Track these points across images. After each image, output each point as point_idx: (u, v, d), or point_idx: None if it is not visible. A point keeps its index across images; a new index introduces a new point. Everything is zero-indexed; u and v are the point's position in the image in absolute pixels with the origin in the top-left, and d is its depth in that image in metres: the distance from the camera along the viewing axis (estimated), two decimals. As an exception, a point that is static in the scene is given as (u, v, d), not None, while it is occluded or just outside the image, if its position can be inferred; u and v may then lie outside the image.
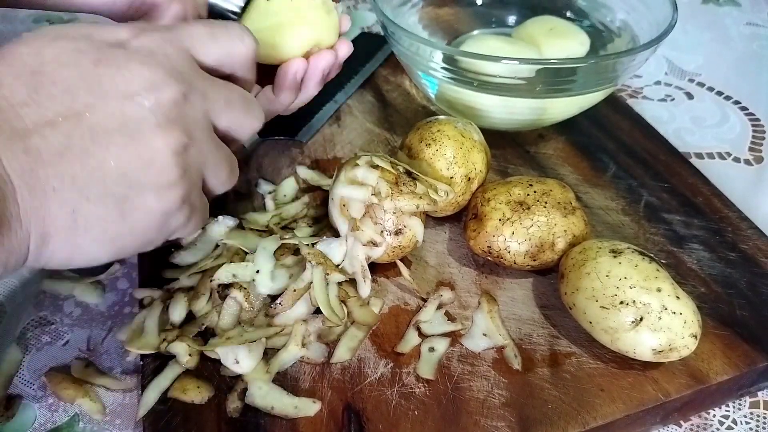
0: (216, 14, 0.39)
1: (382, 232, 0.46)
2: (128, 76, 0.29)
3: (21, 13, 0.85)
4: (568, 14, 0.69)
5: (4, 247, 0.26)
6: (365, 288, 0.46)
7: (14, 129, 0.27)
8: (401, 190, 0.45)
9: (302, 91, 0.49)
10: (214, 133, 0.33)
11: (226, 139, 0.34)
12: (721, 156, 0.67)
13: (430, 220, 0.53)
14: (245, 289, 0.45)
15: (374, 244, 0.46)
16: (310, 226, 0.52)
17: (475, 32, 0.70)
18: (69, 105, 0.28)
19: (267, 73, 0.47)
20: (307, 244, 0.46)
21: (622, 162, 0.60)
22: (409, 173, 0.47)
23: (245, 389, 0.41)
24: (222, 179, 0.34)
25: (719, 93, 0.76)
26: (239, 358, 0.41)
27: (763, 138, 0.69)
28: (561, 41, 0.64)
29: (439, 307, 0.47)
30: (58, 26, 0.31)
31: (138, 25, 0.32)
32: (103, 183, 0.28)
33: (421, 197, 0.46)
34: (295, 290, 0.45)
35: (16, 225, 0.26)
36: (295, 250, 0.47)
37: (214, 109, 0.32)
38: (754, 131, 0.70)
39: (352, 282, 0.47)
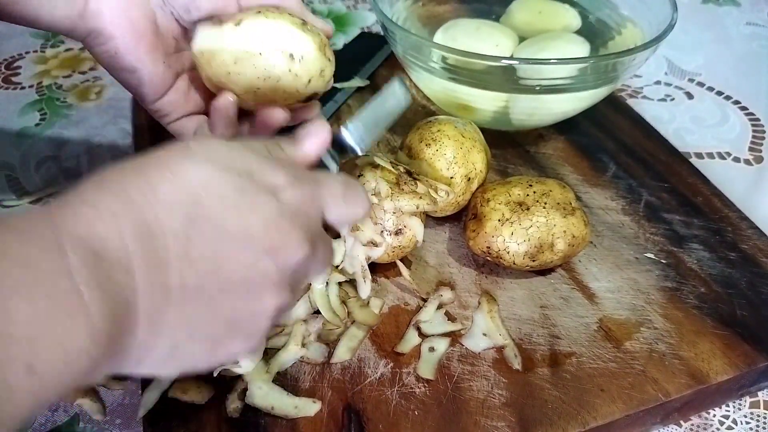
0: (337, 145, 0.39)
1: (382, 232, 0.46)
2: (274, 233, 0.29)
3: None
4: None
5: (103, 374, 0.25)
6: (365, 288, 0.46)
7: (160, 261, 0.26)
8: (402, 190, 0.45)
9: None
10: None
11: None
12: (721, 156, 0.67)
13: (430, 220, 0.53)
14: None
15: (374, 244, 0.46)
16: None
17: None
18: (214, 247, 0.27)
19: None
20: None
21: (622, 162, 0.60)
22: (409, 173, 0.47)
23: (245, 389, 0.41)
24: (285, 316, 0.36)
25: (719, 93, 0.76)
26: (239, 358, 0.41)
27: (763, 138, 0.69)
28: (550, 22, 0.66)
29: (439, 307, 0.47)
30: (225, 148, 0.30)
31: (292, 169, 0.32)
32: (212, 327, 0.28)
33: (421, 197, 0.46)
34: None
35: (124, 356, 0.26)
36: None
37: (313, 269, 0.33)
38: (754, 131, 0.70)
39: (352, 282, 0.47)
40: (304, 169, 0.35)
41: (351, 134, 0.39)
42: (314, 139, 0.36)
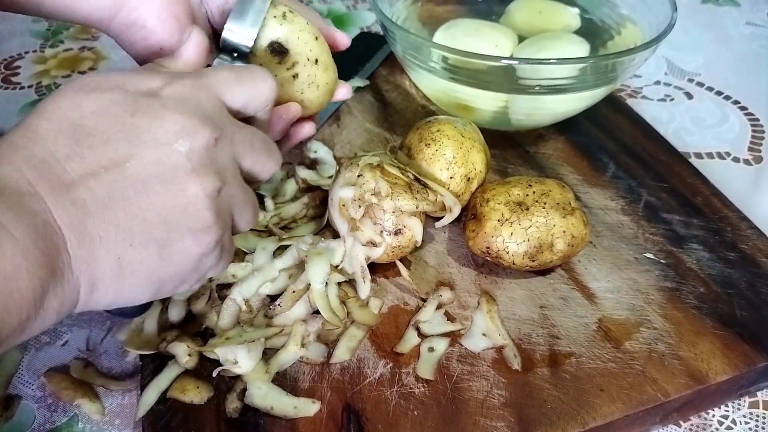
0: (228, 50, 0.39)
1: (381, 232, 0.46)
2: (163, 125, 0.30)
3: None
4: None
5: (58, 295, 0.27)
6: (365, 288, 0.46)
7: (61, 182, 0.28)
8: (415, 198, 0.46)
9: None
10: (240, 176, 0.34)
11: (248, 180, 0.36)
12: (720, 156, 0.67)
13: (430, 220, 0.53)
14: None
15: (374, 244, 0.46)
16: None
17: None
18: (109, 156, 0.29)
19: None
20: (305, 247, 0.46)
21: (622, 162, 0.60)
22: (418, 180, 0.47)
23: (245, 389, 0.41)
24: (248, 219, 0.36)
25: (719, 93, 0.76)
26: (238, 359, 0.41)
27: (763, 138, 0.69)
28: (550, 22, 0.66)
29: (439, 307, 0.47)
30: (91, 77, 0.32)
31: (169, 72, 0.33)
32: (145, 229, 0.29)
33: (412, 190, 0.46)
34: (294, 291, 0.45)
35: (68, 274, 0.28)
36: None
37: (240, 153, 0.33)
38: (753, 131, 0.70)
39: (352, 282, 0.47)
40: (186, 71, 0.35)
41: (234, 29, 0.39)
42: (188, 43, 0.38)
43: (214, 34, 0.44)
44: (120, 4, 0.40)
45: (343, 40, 0.49)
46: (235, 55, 0.40)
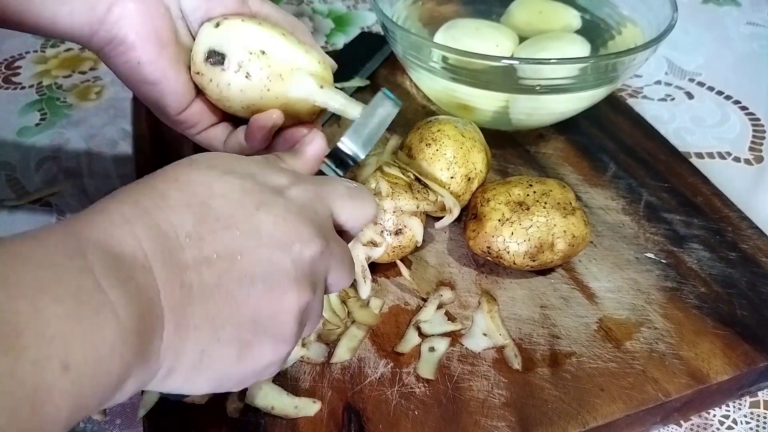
0: (336, 158, 0.40)
1: (382, 232, 0.46)
2: (283, 228, 0.29)
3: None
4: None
5: (137, 379, 0.26)
6: (366, 288, 0.46)
7: (177, 262, 0.27)
8: (416, 198, 0.46)
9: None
10: (324, 288, 0.34)
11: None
12: (721, 156, 0.67)
13: (431, 220, 0.53)
14: None
15: (374, 244, 0.46)
16: None
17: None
18: (227, 244, 0.28)
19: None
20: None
21: (622, 162, 0.60)
22: (419, 180, 0.47)
23: (245, 389, 0.41)
24: (312, 327, 0.35)
25: (719, 93, 0.76)
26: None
27: (763, 138, 0.69)
28: (550, 22, 0.66)
29: (439, 306, 0.47)
30: (225, 157, 0.32)
31: (294, 173, 0.33)
32: (237, 327, 0.28)
33: (413, 191, 0.46)
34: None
35: (154, 360, 0.26)
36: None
37: (332, 267, 0.33)
38: (754, 131, 0.70)
39: (352, 282, 0.47)
40: (305, 174, 0.35)
41: (348, 145, 0.40)
42: (311, 146, 0.37)
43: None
44: (101, 20, 0.39)
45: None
46: (340, 163, 0.40)
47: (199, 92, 0.44)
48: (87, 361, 0.22)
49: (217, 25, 0.41)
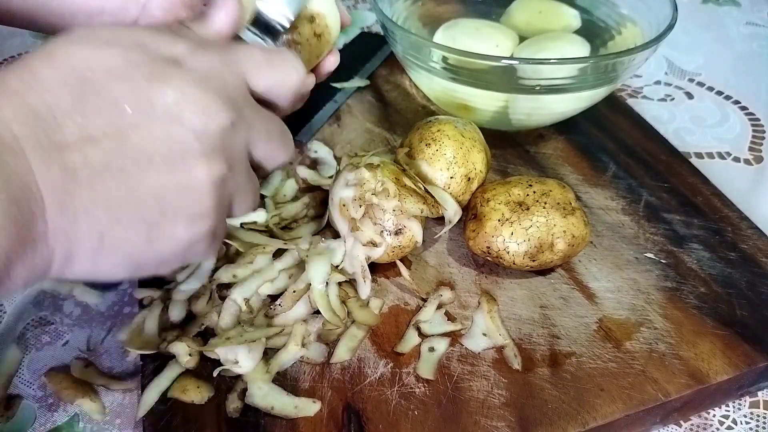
0: (261, 24, 0.37)
1: (381, 232, 0.46)
2: (181, 98, 0.27)
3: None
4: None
5: (26, 265, 0.25)
6: (365, 288, 0.46)
7: (53, 142, 0.25)
8: (430, 206, 0.46)
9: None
10: (248, 163, 0.32)
11: (254, 167, 0.33)
12: (721, 156, 0.67)
13: (430, 219, 0.53)
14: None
15: (374, 244, 0.46)
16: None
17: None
18: (114, 121, 0.26)
19: None
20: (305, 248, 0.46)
21: (622, 162, 0.60)
22: (427, 191, 0.48)
23: (245, 389, 0.41)
24: (246, 207, 0.33)
25: (719, 93, 0.76)
26: (239, 358, 0.41)
27: (763, 138, 0.69)
28: (550, 22, 0.66)
29: (439, 307, 0.47)
30: (111, 28, 0.29)
31: (196, 39, 0.31)
32: (137, 207, 0.27)
33: (426, 202, 0.46)
34: (294, 291, 0.45)
35: (41, 244, 0.25)
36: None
37: (254, 140, 0.31)
38: (754, 131, 0.70)
39: (352, 282, 0.47)
40: (213, 42, 0.32)
41: (271, 4, 0.36)
42: (223, 11, 0.34)
43: None
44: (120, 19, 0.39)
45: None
46: (265, 29, 0.37)
47: None
48: None
49: None
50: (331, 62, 0.48)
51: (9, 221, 0.23)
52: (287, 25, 0.37)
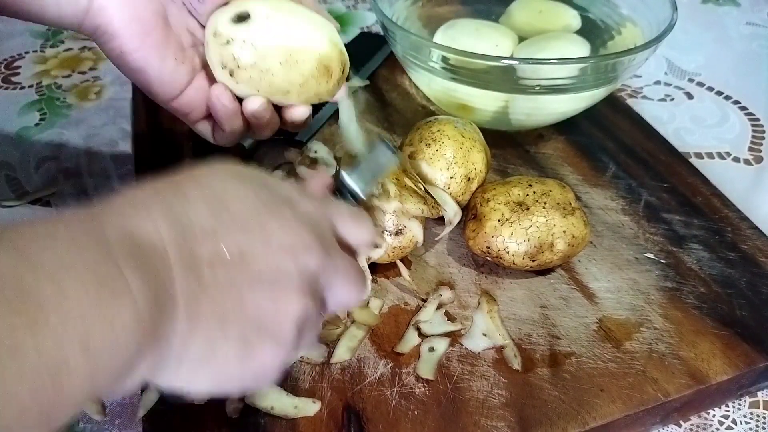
0: (339, 191, 0.42)
1: (382, 232, 0.46)
2: (293, 235, 0.30)
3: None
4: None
5: (149, 364, 0.26)
6: (366, 288, 0.46)
7: (193, 254, 0.27)
8: (431, 208, 0.46)
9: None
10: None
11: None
12: (720, 156, 0.67)
13: (431, 219, 0.53)
14: None
15: (374, 245, 0.46)
16: None
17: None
18: (241, 245, 0.29)
19: None
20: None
21: (622, 162, 0.60)
22: (427, 191, 0.48)
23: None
24: (311, 340, 0.34)
25: (719, 93, 0.76)
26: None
27: (763, 138, 0.69)
28: (550, 22, 0.66)
29: (439, 307, 0.47)
30: (239, 167, 0.32)
31: (302, 190, 0.34)
32: (241, 325, 0.29)
33: (426, 203, 0.46)
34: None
35: (164, 345, 0.26)
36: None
37: (335, 281, 0.33)
38: (753, 131, 0.70)
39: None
40: (311, 194, 0.36)
41: (352, 180, 0.41)
42: (317, 181, 0.39)
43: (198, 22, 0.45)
44: (85, 9, 0.40)
45: None
46: (341, 195, 0.42)
47: (193, 80, 0.44)
48: (105, 341, 0.23)
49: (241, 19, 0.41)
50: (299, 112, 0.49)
51: (151, 320, 0.25)
52: (358, 200, 0.42)
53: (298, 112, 0.47)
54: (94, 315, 0.23)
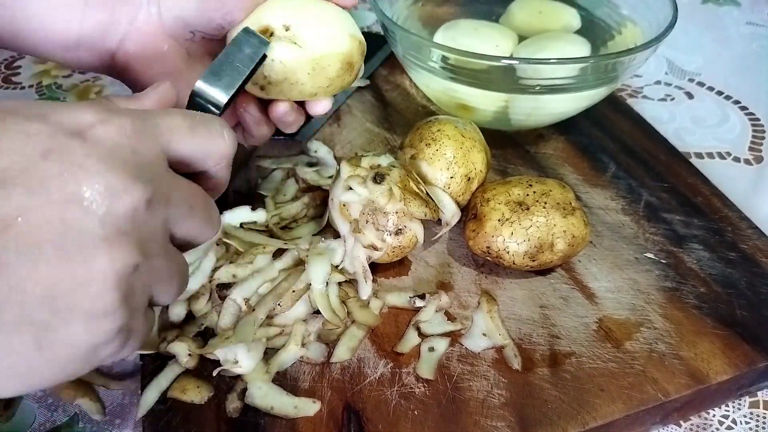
0: (195, 105, 0.35)
1: (383, 233, 0.46)
2: (80, 176, 0.24)
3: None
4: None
5: None
6: (366, 288, 0.46)
7: None
8: (432, 210, 0.46)
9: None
10: (170, 243, 0.28)
11: (178, 246, 0.30)
12: (721, 156, 0.67)
13: (430, 220, 0.53)
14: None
15: (375, 248, 0.46)
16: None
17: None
18: (3, 205, 0.23)
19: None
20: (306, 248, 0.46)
21: (622, 162, 0.60)
22: (428, 194, 0.48)
23: (245, 389, 0.41)
24: (172, 292, 0.29)
25: (719, 93, 0.76)
26: (239, 358, 0.41)
27: (763, 138, 0.69)
28: (550, 22, 0.66)
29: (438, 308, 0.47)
30: (20, 101, 0.26)
31: (107, 106, 0.27)
32: (21, 307, 0.23)
33: (428, 206, 0.46)
34: (294, 291, 0.45)
35: None
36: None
37: (175, 217, 0.28)
38: (754, 131, 0.70)
39: (352, 282, 0.47)
40: (129, 109, 0.29)
41: (205, 88, 0.35)
42: (153, 94, 0.32)
43: (216, 44, 0.45)
44: (108, 63, 0.42)
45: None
46: (200, 110, 0.35)
47: None
48: None
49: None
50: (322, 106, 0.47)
51: None
52: (222, 108, 0.35)
53: (322, 106, 0.46)
54: None
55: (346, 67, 0.44)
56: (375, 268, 0.49)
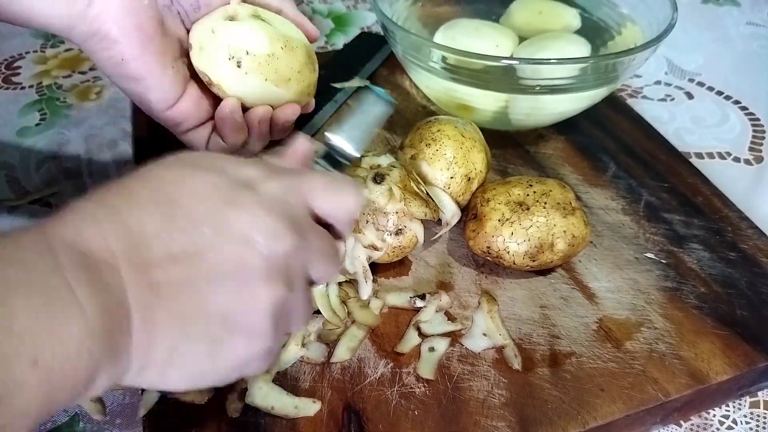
0: (330, 159, 0.39)
1: (383, 233, 0.46)
2: (253, 222, 0.29)
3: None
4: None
5: (109, 374, 0.26)
6: (367, 289, 0.46)
7: (144, 260, 0.27)
8: (432, 209, 0.46)
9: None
10: (306, 283, 0.33)
11: (309, 283, 0.34)
12: (721, 156, 0.67)
13: (430, 221, 0.53)
14: None
15: (375, 248, 0.46)
16: None
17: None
18: (195, 241, 0.28)
19: None
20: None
21: (622, 162, 0.60)
22: (429, 195, 0.48)
23: (245, 389, 0.41)
24: (302, 323, 0.34)
25: (719, 93, 0.76)
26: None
27: (763, 138, 0.69)
28: (550, 22, 0.66)
29: (439, 308, 0.47)
30: (201, 154, 0.32)
31: (267, 165, 0.33)
32: (205, 324, 0.28)
33: (429, 206, 0.46)
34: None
35: (124, 355, 0.26)
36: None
37: (311, 261, 0.32)
38: (754, 131, 0.70)
39: (352, 282, 0.47)
40: (285, 168, 0.34)
41: (340, 145, 0.39)
42: (296, 151, 0.37)
43: (188, 32, 0.45)
44: (81, 14, 0.39)
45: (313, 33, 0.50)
46: (333, 163, 0.40)
47: (186, 90, 0.45)
48: (55, 357, 0.23)
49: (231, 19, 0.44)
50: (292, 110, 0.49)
51: (104, 333, 0.25)
52: (352, 161, 0.40)
53: (290, 110, 0.47)
54: (42, 330, 0.23)
55: (311, 58, 0.47)
56: (375, 268, 0.49)
